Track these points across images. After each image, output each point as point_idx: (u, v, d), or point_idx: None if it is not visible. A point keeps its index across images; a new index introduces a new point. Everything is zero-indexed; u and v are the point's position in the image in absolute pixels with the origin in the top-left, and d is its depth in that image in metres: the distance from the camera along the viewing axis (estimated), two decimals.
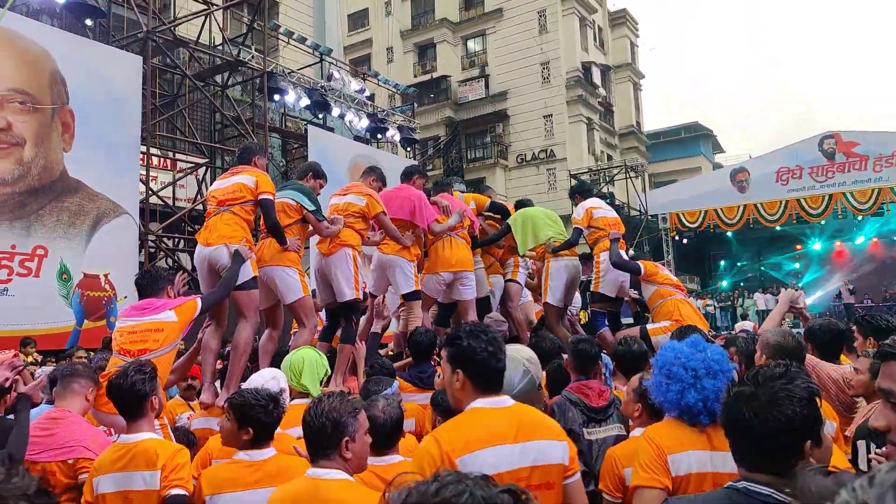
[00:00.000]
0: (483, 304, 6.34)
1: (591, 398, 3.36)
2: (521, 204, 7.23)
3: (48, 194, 9.53)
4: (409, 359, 4.71)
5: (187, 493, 2.63)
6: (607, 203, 7.24)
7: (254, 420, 2.65)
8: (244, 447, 2.67)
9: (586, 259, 7.01)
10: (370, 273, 5.95)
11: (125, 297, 10.09)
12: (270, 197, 4.70)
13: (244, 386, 3.06)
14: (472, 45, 31.33)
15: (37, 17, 10.96)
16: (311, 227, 5.17)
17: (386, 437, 2.64)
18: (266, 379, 3.17)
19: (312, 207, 4.99)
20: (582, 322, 8.17)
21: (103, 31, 12.27)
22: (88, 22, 11.62)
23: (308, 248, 8.86)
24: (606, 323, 6.46)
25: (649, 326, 5.52)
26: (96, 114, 10.05)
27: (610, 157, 30.80)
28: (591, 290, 6.43)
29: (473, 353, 2.16)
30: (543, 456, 2.10)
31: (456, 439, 2.03)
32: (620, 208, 23.69)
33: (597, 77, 30.58)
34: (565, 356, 4.13)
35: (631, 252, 10.95)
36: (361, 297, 5.45)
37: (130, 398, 2.76)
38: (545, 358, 4.26)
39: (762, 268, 28.85)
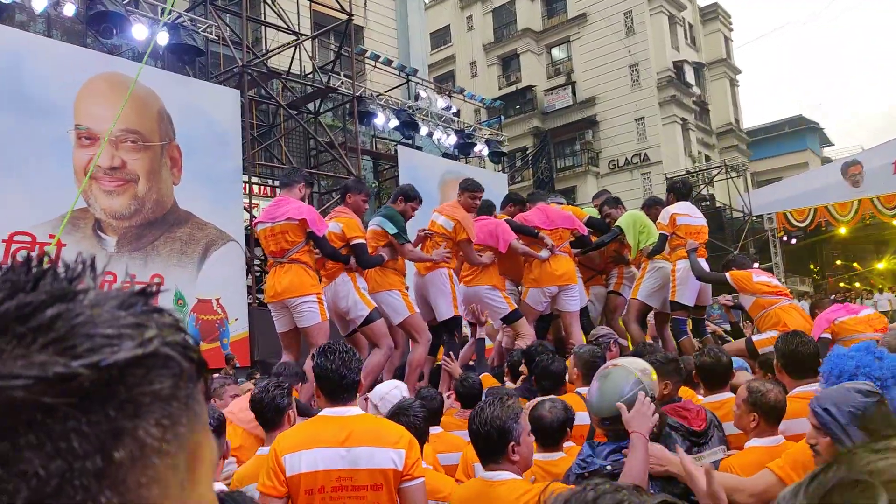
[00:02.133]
0: (582, 315, 6.29)
1: (691, 421, 3.14)
2: (614, 201, 7.14)
3: (161, 226, 10.11)
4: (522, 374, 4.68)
5: None
6: (701, 207, 7.06)
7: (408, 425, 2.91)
8: None
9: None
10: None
11: (236, 319, 10.54)
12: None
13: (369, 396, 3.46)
14: (557, 52, 30.99)
15: (142, 61, 11.68)
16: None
17: (552, 435, 2.89)
18: (389, 388, 3.52)
19: (394, 231, 5.23)
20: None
21: (202, 69, 12.94)
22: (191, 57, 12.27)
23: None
24: (688, 331, 6.24)
25: (755, 338, 5.21)
26: (200, 147, 10.60)
27: (708, 158, 29.57)
28: (669, 298, 6.23)
29: (321, 370, 2.59)
30: (371, 460, 2.45)
31: (287, 441, 2.50)
32: (722, 210, 22.74)
33: (690, 76, 29.56)
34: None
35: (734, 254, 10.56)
36: (460, 313, 5.62)
37: (271, 411, 3.07)
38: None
39: (881, 266, 26.96)
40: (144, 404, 0.41)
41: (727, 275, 5.55)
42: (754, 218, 23.25)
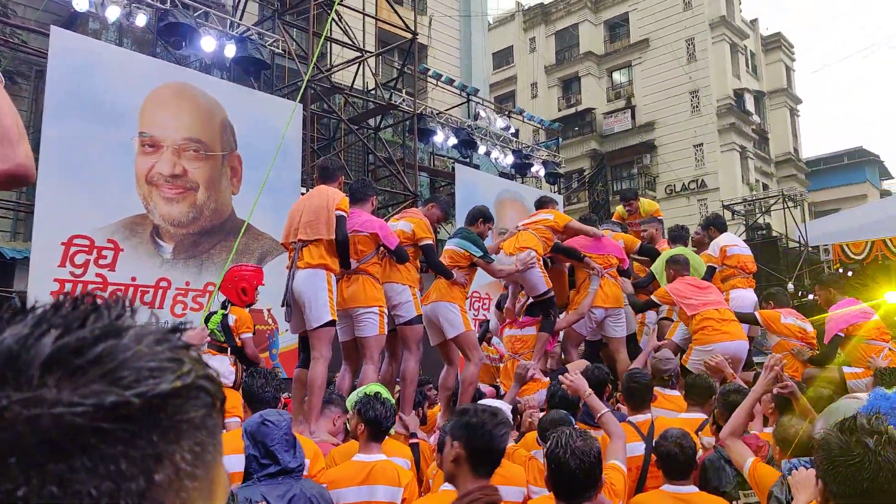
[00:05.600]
0: (630, 342, 6.32)
1: None
2: (675, 238, 7.18)
3: (218, 234, 10.16)
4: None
5: None
6: (757, 236, 7.39)
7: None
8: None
9: None
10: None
11: (286, 331, 10.46)
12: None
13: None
14: (618, 76, 30.74)
15: (209, 72, 11.86)
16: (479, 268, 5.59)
17: (687, 467, 2.93)
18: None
19: (479, 253, 5.36)
20: None
21: (267, 82, 13.08)
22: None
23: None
24: None
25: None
26: (261, 159, 10.64)
27: (766, 187, 29.04)
28: None
29: (247, 387, 3.34)
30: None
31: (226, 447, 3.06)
32: (778, 240, 22.20)
33: (750, 104, 28.98)
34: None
35: (790, 287, 10.87)
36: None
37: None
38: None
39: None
40: (182, 431, 0.44)
41: (756, 313, 5.86)
42: (810, 249, 22.57)
